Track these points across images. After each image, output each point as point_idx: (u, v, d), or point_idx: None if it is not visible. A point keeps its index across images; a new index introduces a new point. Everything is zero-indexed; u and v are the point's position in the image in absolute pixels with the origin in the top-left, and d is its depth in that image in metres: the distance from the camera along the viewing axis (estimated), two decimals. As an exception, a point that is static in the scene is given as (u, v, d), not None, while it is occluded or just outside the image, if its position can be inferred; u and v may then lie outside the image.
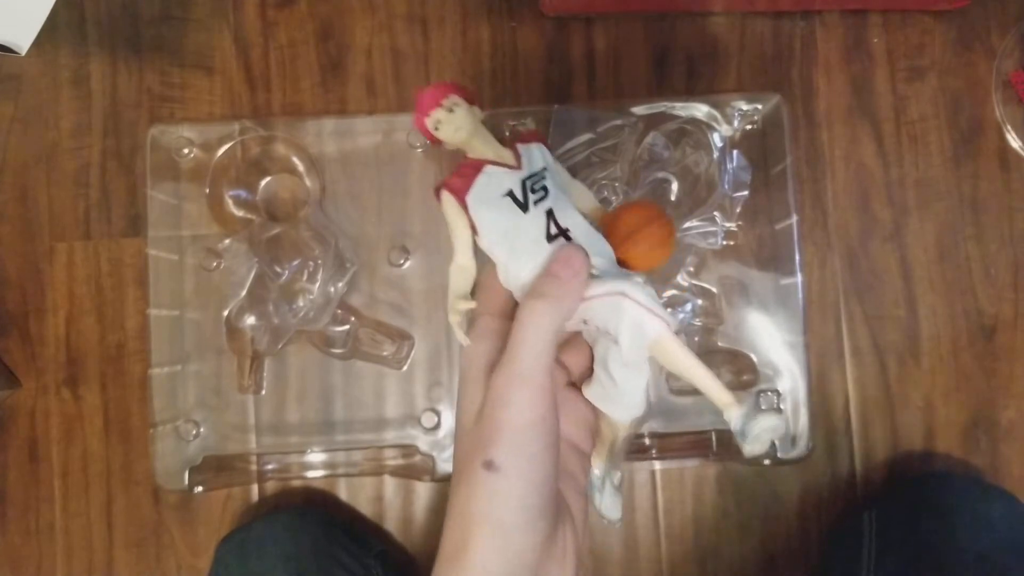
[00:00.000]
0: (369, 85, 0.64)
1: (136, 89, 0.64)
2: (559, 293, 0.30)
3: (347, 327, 0.60)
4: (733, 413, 0.30)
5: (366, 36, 0.65)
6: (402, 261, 0.61)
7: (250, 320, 0.59)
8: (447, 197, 0.32)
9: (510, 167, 0.32)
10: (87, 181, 0.64)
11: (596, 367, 0.34)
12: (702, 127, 0.57)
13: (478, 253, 0.33)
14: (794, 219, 0.60)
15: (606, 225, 0.34)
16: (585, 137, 0.59)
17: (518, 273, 0.32)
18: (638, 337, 0.31)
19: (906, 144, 0.64)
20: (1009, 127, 0.64)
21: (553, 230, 0.32)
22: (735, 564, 0.62)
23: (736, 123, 0.61)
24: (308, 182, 0.62)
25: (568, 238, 0.32)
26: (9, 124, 0.64)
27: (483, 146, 0.33)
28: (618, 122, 0.59)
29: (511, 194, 0.32)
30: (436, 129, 0.33)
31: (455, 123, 0.33)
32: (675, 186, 0.58)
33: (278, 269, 0.58)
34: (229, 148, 0.61)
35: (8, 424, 0.63)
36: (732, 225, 0.59)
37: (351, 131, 0.62)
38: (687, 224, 0.58)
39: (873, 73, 0.65)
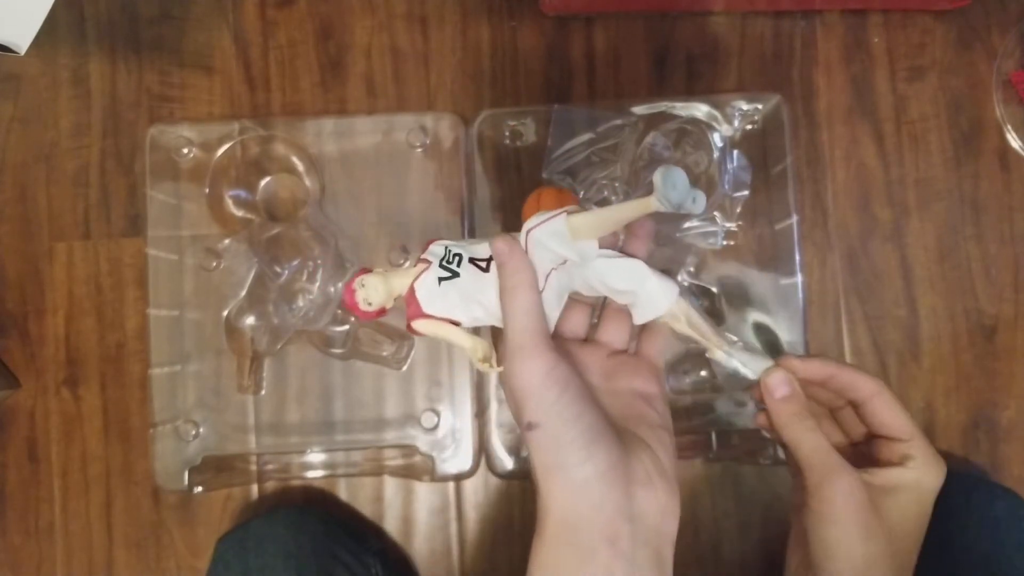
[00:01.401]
0: (369, 85, 0.64)
1: (135, 89, 0.64)
2: (510, 272, 0.36)
3: (347, 327, 0.60)
4: (652, 202, 0.34)
5: (366, 36, 0.64)
6: (402, 261, 0.61)
7: (250, 320, 0.59)
8: (417, 324, 0.39)
9: (425, 270, 0.39)
10: (87, 181, 0.64)
11: (614, 300, 0.39)
12: (702, 127, 0.57)
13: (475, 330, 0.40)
14: (794, 219, 0.60)
15: (524, 218, 0.40)
16: (585, 137, 0.59)
17: (493, 310, 0.38)
18: (563, 239, 0.36)
19: (906, 144, 0.64)
20: (1009, 127, 0.64)
21: (483, 264, 0.39)
22: (735, 564, 0.62)
23: (736, 123, 0.61)
24: (308, 182, 0.62)
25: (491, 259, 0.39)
26: (9, 124, 0.64)
27: (401, 280, 0.40)
28: (618, 122, 0.59)
29: (441, 278, 0.39)
30: (370, 304, 0.40)
31: (371, 289, 0.40)
32: (675, 186, 0.57)
33: (278, 269, 0.58)
34: (229, 148, 0.61)
35: (8, 424, 0.63)
36: (732, 225, 0.59)
37: (351, 131, 0.62)
38: (687, 224, 0.58)
39: (873, 73, 0.64)
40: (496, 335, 0.39)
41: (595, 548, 0.32)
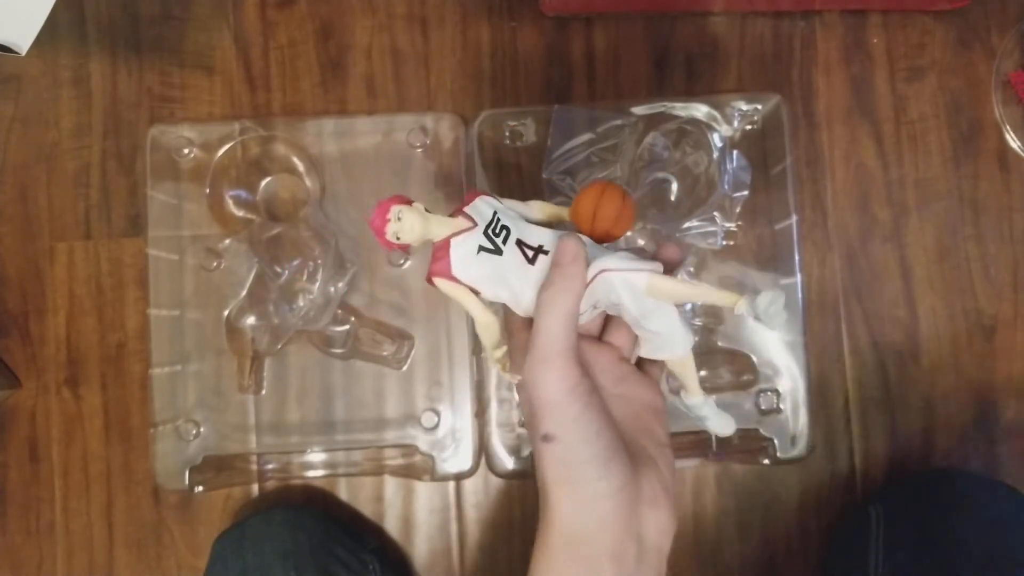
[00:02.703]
0: (369, 85, 0.64)
1: (136, 89, 0.64)
2: (564, 277, 0.34)
3: (347, 327, 0.60)
4: (742, 305, 0.34)
5: (366, 36, 0.65)
6: (402, 261, 0.62)
7: (250, 320, 0.59)
8: (439, 281, 0.37)
9: (468, 230, 0.36)
10: (87, 181, 0.64)
11: (634, 330, 0.38)
12: (702, 127, 0.57)
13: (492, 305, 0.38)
14: (794, 219, 0.60)
15: (573, 217, 0.38)
16: (585, 137, 0.59)
17: (522, 300, 0.36)
18: (636, 294, 0.35)
19: (906, 144, 0.64)
20: (1008, 127, 0.64)
21: (529, 253, 0.36)
22: (735, 564, 0.62)
23: (736, 123, 0.61)
24: (308, 182, 0.62)
25: (545, 252, 0.36)
26: (9, 124, 0.64)
27: (439, 228, 0.37)
28: (618, 122, 0.59)
29: (482, 248, 0.36)
30: (398, 238, 0.37)
31: (407, 225, 0.37)
32: (675, 186, 0.58)
33: (278, 269, 0.58)
34: (229, 148, 0.61)
35: (8, 424, 0.63)
36: (732, 225, 0.59)
37: (351, 131, 0.62)
38: (687, 224, 0.58)
39: (873, 73, 0.65)
40: (509, 316, 0.38)
41: (600, 565, 0.32)
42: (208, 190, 0.61)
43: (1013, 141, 0.64)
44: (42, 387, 0.63)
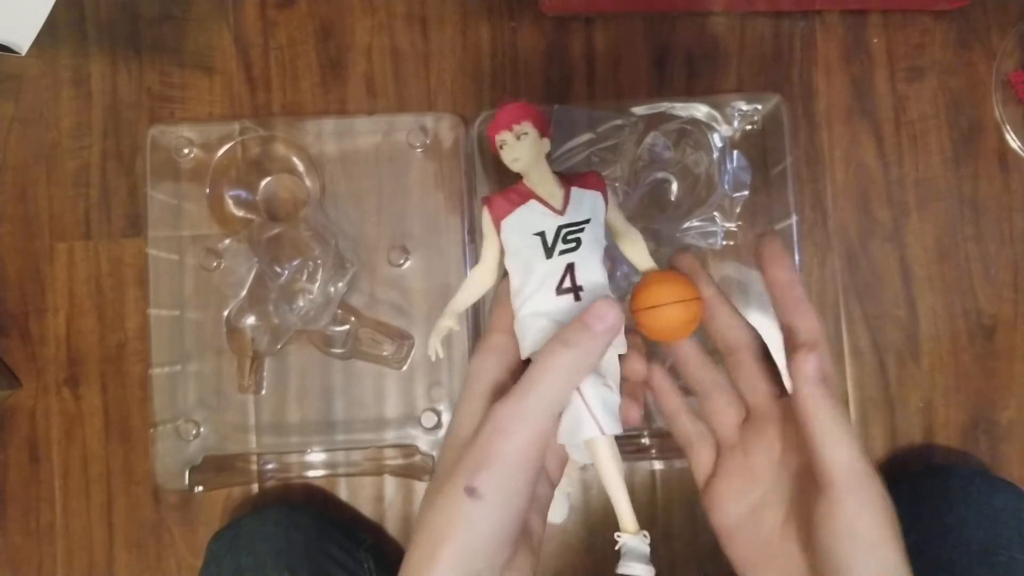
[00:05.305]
0: (369, 85, 0.64)
1: (136, 89, 0.64)
2: (585, 343, 0.30)
3: (347, 327, 0.60)
4: (624, 537, 0.31)
5: (366, 36, 0.65)
6: (402, 261, 0.62)
7: (250, 320, 0.59)
8: (486, 214, 0.33)
9: (553, 210, 0.32)
10: (87, 181, 0.64)
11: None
12: (702, 127, 0.57)
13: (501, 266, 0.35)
14: (794, 219, 0.60)
15: (638, 286, 0.34)
16: (585, 137, 0.59)
17: (520, 307, 0.33)
18: (574, 431, 0.31)
19: (906, 144, 0.64)
20: (1009, 127, 0.64)
21: (566, 284, 0.32)
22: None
23: (736, 123, 0.61)
24: (308, 182, 0.62)
25: (578, 296, 0.32)
26: (9, 124, 0.64)
27: (538, 179, 0.33)
28: (618, 122, 0.59)
29: (542, 235, 0.32)
30: (500, 148, 0.34)
31: (516, 152, 0.33)
32: (675, 186, 0.58)
33: (278, 269, 0.58)
34: (229, 148, 0.61)
35: (8, 424, 0.63)
36: (732, 225, 0.59)
37: (351, 131, 0.62)
38: (687, 224, 0.58)
39: (873, 73, 0.65)
40: (497, 310, 0.34)
41: None
42: (208, 190, 0.61)
43: (1013, 141, 0.64)
44: (42, 387, 0.63)
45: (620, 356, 0.34)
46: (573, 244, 0.32)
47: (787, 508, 0.34)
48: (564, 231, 0.32)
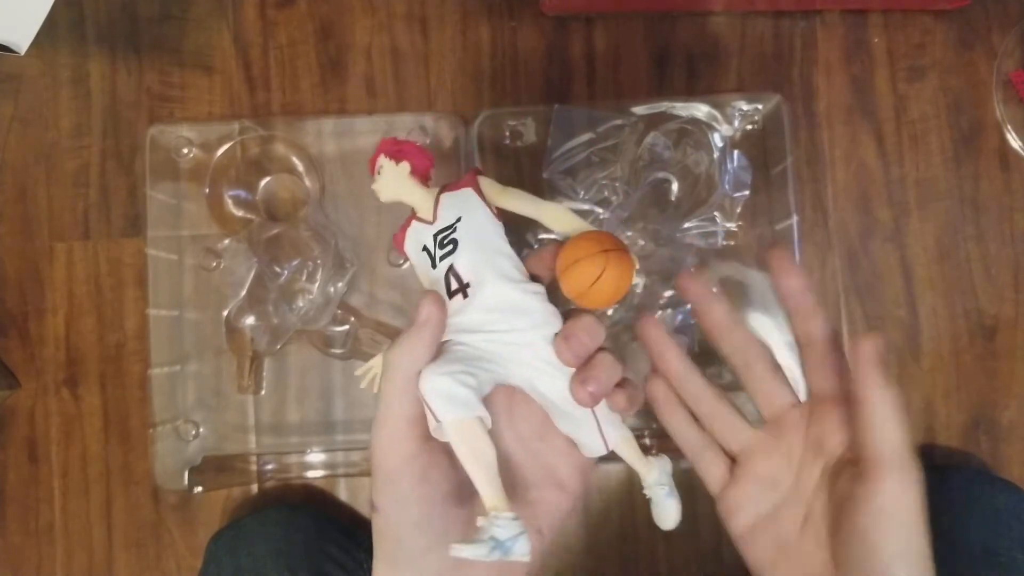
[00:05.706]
0: (369, 85, 0.64)
1: (135, 89, 0.64)
2: (411, 338, 0.31)
3: (347, 327, 0.60)
4: (481, 521, 0.30)
5: (366, 36, 0.64)
6: (402, 261, 0.61)
7: (250, 320, 0.59)
8: (396, 245, 0.35)
9: (426, 222, 0.34)
10: (86, 181, 0.64)
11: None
12: (702, 127, 0.57)
13: None
14: (794, 219, 0.60)
15: (562, 275, 0.32)
16: (585, 137, 0.59)
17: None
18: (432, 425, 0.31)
19: (906, 144, 0.64)
20: (1009, 127, 0.64)
21: (453, 286, 0.32)
22: (735, 564, 0.62)
23: (736, 123, 0.61)
24: (308, 182, 0.62)
25: (466, 294, 0.32)
26: (9, 124, 0.64)
27: (411, 199, 0.34)
28: (618, 122, 0.59)
29: (426, 248, 0.33)
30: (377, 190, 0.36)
31: (380, 184, 0.35)
32: (675, 186, 0.58)
33: (278, 269, 0.58)
34: (229, 148, 0.61)
35: (8, 424, 0.63)
36: (732, 225, 0.59)
37: (351, 131, 0.62)
38: (687, 224, 0.58)
39: (873, 73, 0.64)
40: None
41: None
42: (207, 190, 0.61)
43: (1014, 141, 0.64)
44: (41, 387, 0.63)
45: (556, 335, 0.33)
46: (450, 247, 0.33)
47: (806, 509, 0.35)
48: (439, 237, 0.33)
